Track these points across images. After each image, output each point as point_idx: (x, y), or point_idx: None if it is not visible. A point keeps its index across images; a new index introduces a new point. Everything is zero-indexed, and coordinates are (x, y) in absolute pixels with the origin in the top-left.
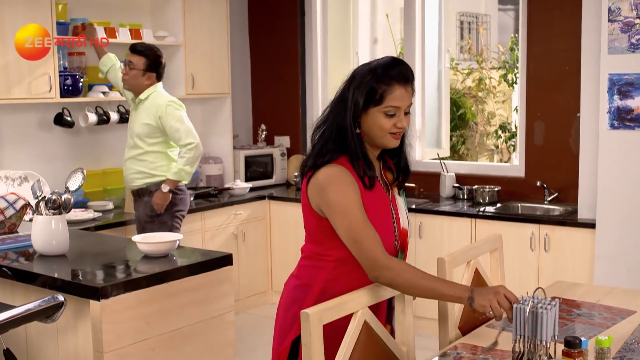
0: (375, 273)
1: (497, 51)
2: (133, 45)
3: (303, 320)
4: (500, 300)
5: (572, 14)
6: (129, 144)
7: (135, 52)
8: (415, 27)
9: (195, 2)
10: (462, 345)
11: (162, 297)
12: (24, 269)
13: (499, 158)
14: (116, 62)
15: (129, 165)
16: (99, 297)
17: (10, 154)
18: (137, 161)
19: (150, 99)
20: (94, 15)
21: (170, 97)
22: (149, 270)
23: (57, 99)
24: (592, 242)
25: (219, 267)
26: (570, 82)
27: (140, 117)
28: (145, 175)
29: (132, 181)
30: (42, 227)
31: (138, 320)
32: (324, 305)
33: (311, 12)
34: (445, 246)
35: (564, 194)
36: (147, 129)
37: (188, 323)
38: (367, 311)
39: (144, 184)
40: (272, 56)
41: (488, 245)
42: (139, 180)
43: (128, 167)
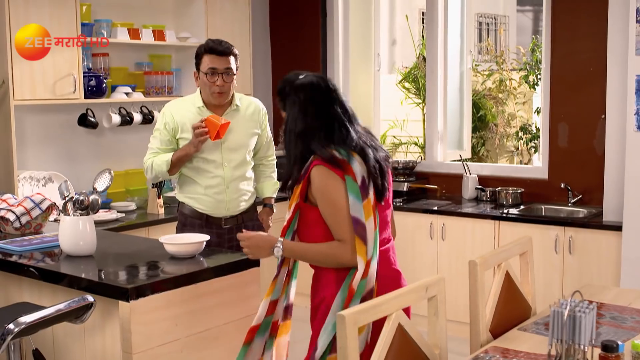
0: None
1: (516, 52)
2: (215, 46)
3: (339, 322)
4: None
5: (597, 15)
6: (229, 163)
7: (228, 54)
8: (437, 29)
9: (217, 3)
10: (494, 348)
11: (191, 298)
12: (52, 269)
13: (519, 159)
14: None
15: (238, 187)
16: (128, 298)
17: (34, 154)
18: (246, 181)
19: (244, 102)
20: (117, 16)
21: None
22: (177, 271)
23: (81, 99)
24: (617, 244)
25: (247, 268)
26: (594, 84)
27: (246, 126)
28: (251, 194)
29: (239, 205)
30: (69, 227)
31: (167, 321)
32: (359, 307)
33: (333, 13)
34: (468, 248)
35: (588, 196)
36: (255, 140)
37: (216, 324)
38: (401, 313)
39: (250, 205)
40: (293, 57)
41: (518, 248)
42: (245, 203)
43: (235, 190)
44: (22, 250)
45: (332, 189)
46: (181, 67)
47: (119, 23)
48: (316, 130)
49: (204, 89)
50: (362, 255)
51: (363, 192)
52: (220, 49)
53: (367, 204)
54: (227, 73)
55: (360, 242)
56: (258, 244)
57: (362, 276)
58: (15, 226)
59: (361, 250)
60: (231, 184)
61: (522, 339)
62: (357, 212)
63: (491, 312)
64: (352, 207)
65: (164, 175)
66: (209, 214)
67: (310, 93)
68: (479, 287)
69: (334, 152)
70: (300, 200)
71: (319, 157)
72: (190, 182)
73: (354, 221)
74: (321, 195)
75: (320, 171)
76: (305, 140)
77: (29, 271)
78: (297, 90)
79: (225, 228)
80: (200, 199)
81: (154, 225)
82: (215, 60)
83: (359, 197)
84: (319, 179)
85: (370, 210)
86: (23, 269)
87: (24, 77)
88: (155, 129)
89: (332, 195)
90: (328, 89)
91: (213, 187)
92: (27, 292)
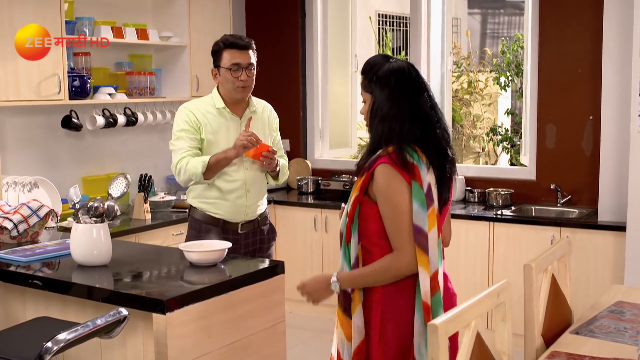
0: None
1: (483, 54)
2: (236, 41)
3: (431, 332)
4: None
5: (586, 18)
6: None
7: (249, 48)
8: (420, 31)
9: (199, 3)
10: (556, 353)
11: (222, 308)
12: (71, 280)
13: (485, 160)
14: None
15: (257, 191)
16: (164, 310)
17: (13, 158)
18: (264, 186)
19: (259, 104)
20: (99, 14)
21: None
22: (207, 280)
23: (66, 100)
24: (614, 244)
25: (272, 275)
26: (583, 85)
27: (264, 128)
28: (266, 197)
29: (257, 209)
30: (82, 236)
31: (199, 333)
32: (447, 316)
33: (312, 14)
34: (462, 250)
35: (577, 196)
36: (270, 142)
37: (245, 335)
38: (479, 320)
39: (265, 207)
40: (271, 58)
41: (560, 251)
42: (262, 206)
43: (256, 194)
44: (28, 261)
45: (396, 192)
46: (162, 67)
47: (101, 21)
48: (402, 117)
49: (226, 85)
50: (424, 266)
51: (428, 201)
52: (242, 44)
53: (431, 213)
54: (249, 68)
55: (422, 252)
56: (316, 289)
57: (434, 289)
58: (12, 235)
59: (423, 260)
60: (252, 188)
61: (578, 343)
62: (420, 221)
63: (542, 317)
64: (415, 215)
65: (198, 178)
66: (226, 219)
67: (401, 79)
68: (534, 291)
69: (405, 153)
70: (359, 193)
71: (387, 154)
72: (206, 186)
73: (416, 230)
74: (383, 197)
75: (386, 170)
76: (390, 125)
77: (33, 283)
78: (388, 74)
79: (242, 233)
80: (218, 203)
81: (144, 232)
82: (237, 55)
83: (424, 205)
84: (383, 178)
85: (434, 219)
86: (29, 280)
87: (7, 78)
88: (178, 130)
89: (395, 199)
90: (418, 77)
91: (233, 192)
92: (31, 305)
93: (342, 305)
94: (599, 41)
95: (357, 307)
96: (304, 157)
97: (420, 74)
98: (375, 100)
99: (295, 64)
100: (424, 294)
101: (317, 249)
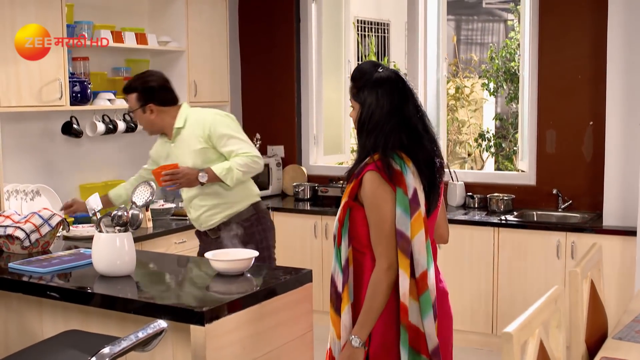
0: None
1: (467, 60)
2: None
3: (506, 340)
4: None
5: (585, 23)
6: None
7: (126, 92)
8: (418, 37)
9: (196, 8)
10: (605, 359)
11: (256, 319)
12: (106, 292)
13: (470, 166)
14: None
15: (199, 203)
16: (203, 321)
17: (11, 165)
18: (206, 196)
19: (190, 119)
20: (98, 18)
21: (211, 109)
22: (238, 290)
23: (67, 106)
24: (621, 248)
25: (302, 284)
26: (583, 91)
27: (188, 144)
28: (225, 207)
29: (209, 220)
30: (105, 245)
31: (235, 345)
32: (520, 324)
33: (307, 19)
34: (466, 256)
35: (578, 201)
36: (204, 153)
37: (276, 345)
38: (542, 328)
39: (225, 217)
40: (266, 63)
41: (596, 256)
42: (217, 215)
43: (198, 207)
44: (46, 272)
45: (381, 199)
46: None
47: (100, 25)
48: (388, 127)
49: None
50: (405, 269)
51: (414, 205)
52: (124, 87)
53: (417, 217)
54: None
55: (403, 256)
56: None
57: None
58: (24, 245)
59: (404, 263)
60: (192, 203)
61: (624, 349)
62: (403, 226)
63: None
64: (398, 220)
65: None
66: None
67: (389, 88)
68: (579, 297)
69: (391, 160)
70: (349, 199)
71: (374, 162)
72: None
73: (398, 234)
74: (369, 204)
75: (373, 178)
76: (376, 134)
77: (50, 294)
78: (376, 83)
79: (213, 238)
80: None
81: (147, 240)
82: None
83: (407, 211)
84: (369, 186)
85: (420, 223)
86: (47, 292)
87: (10, 83)
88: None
89: (379, 206)
90: (405, 87)
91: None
92: (49, 318)
93: (333, 304)
94: (598, 46)
95: (345, 307)
96: (299, 163)
97: (407, 82)
98: (362, 109)
99: (290, 70)
100: (402, 295)
101: (317, 256)
